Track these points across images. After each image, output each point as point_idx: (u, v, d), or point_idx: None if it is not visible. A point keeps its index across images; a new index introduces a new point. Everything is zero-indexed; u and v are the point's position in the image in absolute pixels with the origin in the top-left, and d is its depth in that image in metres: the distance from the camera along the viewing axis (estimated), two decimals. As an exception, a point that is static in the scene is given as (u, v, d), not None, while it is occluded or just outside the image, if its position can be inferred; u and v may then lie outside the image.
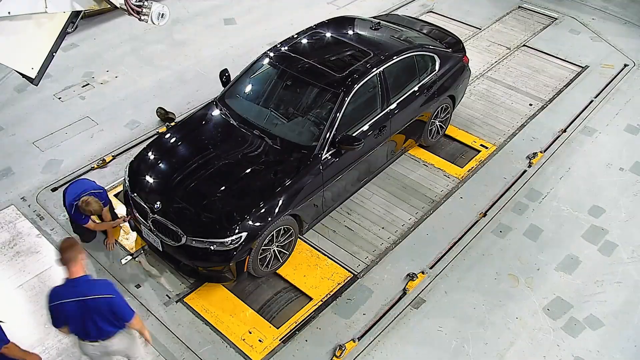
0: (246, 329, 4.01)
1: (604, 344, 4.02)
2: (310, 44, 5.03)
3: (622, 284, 4.43)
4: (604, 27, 7.60)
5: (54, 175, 5.22)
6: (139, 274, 4.37)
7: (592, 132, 5.91)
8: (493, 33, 7.47)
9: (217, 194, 4.08)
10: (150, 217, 4.08)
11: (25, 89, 6.18)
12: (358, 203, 5.00)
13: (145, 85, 6.38)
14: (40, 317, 4.05)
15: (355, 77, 4.53)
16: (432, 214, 4.94)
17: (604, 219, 4.96)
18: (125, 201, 4.43)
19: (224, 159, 4.30)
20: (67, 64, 6.57)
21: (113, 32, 7.22)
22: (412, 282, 4.36)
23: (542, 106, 6.21)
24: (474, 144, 5.69)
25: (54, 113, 5.95)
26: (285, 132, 4.49)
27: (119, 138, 5.66)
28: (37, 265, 4.42)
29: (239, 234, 3.91)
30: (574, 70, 6.78)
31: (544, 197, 5.16)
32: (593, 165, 5.51)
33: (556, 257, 4.62)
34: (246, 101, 4.84)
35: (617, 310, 4.24)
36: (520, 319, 4.15)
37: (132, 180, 4.33)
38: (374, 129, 4.69)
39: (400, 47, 5.01)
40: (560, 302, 4.28)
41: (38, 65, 3.03)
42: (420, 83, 5.09)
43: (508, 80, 6.59)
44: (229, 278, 4.10)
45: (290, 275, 4.38)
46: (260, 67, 4.92)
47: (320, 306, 4.17)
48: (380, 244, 4.66)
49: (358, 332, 4.03)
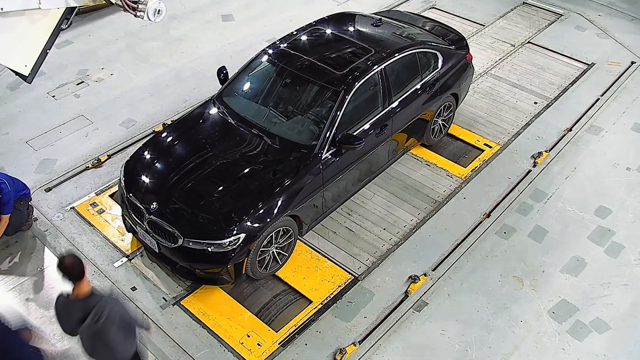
0: (244, 333, 3.96)
1: (610, 348, 3.97)
2: (310, 40, 4.99)
3: (629, 286, 4.38)
4: (610, 23, 7.53)
5: (48, 175, 5.17)
6: (134, 276, 4.31)
7: (598, 131, 5.84)
8: (497, 30, 7.40)
9: (215, 194, 4.04)
10: (146, 218, 4.03)
11: (19, 86, 6.14)
12: (359, 204, 4.94)
13: (141, 83, 6.33)
14: (34, 320, 4.00)
15: (356, 75, 4.48)
16: (434, 214, 4.89)
17: (610, 220, 4.90)
18: (121, 201, 4.36)
19: (221, 158, 4.26)
20: (61, 61, 6.54)
21: (108, 28, 7.18)
22: (414, 284, 4.30)
23: (547, 104, 6.16)
24: (477, 143, 5.63)
25: (48, 111, 5.90)
26: (285, 131, 4.44)
27: (114, 137, 5.61)
28: (31, 267, 4.36)
29: (237, 235, 3.86)
30: (579, 68, 6.72)
31: (549, 197, 5.10)
32: (599, 165, 5.45)
33: (562, 259, 4.57)
34: (244, 99, 4.80)
35: (624, 313, 4.19)
36: (525, 323, 4.10)
37: (128, 181, 4.28)
38: (375, 128, 4.64)
39: (402, 44, 4.96)
40: (566, 305, 4.23)
41: (31, 62, 3.02)
42: (422, 81, 5.04)
43: (512, 78, 6.52)
44: (227, 280, 4.06)
45: (289, 277, 4.33)
46: (258, 64, 4.87)
47: (320, 309, 4.13)
48: (382, 246, 4.60)
49: (359, 335, 3.99)
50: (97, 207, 4.86)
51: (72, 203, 4.89)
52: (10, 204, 4.22)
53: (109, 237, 4.60)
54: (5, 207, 4.19)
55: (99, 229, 4.67)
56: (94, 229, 4.67)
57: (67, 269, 2.83)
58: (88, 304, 2.87)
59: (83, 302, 2.88)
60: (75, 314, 2.90)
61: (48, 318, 4.03)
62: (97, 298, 2.91)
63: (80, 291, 2.88)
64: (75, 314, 2.90)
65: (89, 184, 5.08)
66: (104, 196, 4.96)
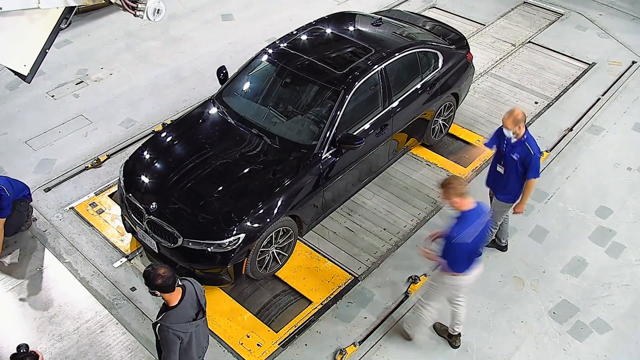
0: (244, 333, 3.95)
1: (611, 349, 3.96)
2: (310, 40, 4.98)
3: (630, 286, 4.37)
4: (611, 23, 7.51)
5: (47, 175, 5.15)
6: (134, 276, 4.30)
7: (599, 131, 5.83)
8: (497, 29, 7.38)
9: (215, 195, 4.03)
10: (145, 218, 4.02)
11: (18, 86, 6.12)
12: (359, 204, 4.93)
13: (141, 83, 6.32)
14: (33, 320, 3.99)
15: (356, 75, 4.47)
16: (434, 215, 4.87)
17: (611, 220, 4.88)
18: (121, 202, 4.34)
19: (221, 158, 4.25)
20: (61, 61, 6.52)
21: (107, 28, 7.16)
22: (414, 285, 4.29)
23: (548, 104, 6.14)
24: (477, 143, 5.61)
25: (47, 111, 5.88)
26: (285, 131, 4.42)
27: (113, 137, 5.59)
28: (30, 268, 4.35)
29: (237, 236, 3.84)
30: (580, 68, 6.70)
31: (550, 197, 5.08)
32: (600, 165, 5.43)
33: (562, 259, 4.55)
34: (244, 99, 4.78)
35: (625, 313, 4.18)
36: (526, 323, 4.08)
37: (127, 181, 4.27)
38: (375, 128, 4.62)
39: (403, 43, 4.95)
40: (567, 305, 4.21)
41: (30, 62, 3.01)
42: (422, 80, 5.02)
43: (513, 78, 6.51)
44: (226, 280, 4.04)
45: (289, 277, 4.31)
46: (258, 64, 4.86)
47: (320, 309, 4.11)
48: (382, 246, 4.59)
49: (359, 336, 3.98)
50: (96, 207, 4.85)
51: (72, 203, 4.88)
52: (7, 209, 4.21)
53: (108, 237, 4.59)
54: (1, 212, 4.18)
55: (98, 229, 4.66)
56: (93, 229, 4.66)
57: (167, 280, 2.72)
58: (189, 297, 2.84)
59: (185, 299, 2.82)
60: (189, 314, 2.84)
61: (47, 318, 4.02)
62: (188, 288, 2.87)
63: (176, 295, 2.81)
64: (189, 314, 2.84)
65: (89, 184, 5.07)
66: (104, 196, 4.95)
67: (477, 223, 3.30)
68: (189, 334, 2.88)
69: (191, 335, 2.90)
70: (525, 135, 3.89)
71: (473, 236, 3.28)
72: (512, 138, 3.88)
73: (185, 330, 2.85)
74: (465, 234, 3.25)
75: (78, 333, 3.94)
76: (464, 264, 3.40)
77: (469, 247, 3.31)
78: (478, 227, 3.31)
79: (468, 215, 3.30)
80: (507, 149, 3.96)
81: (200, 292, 2.99)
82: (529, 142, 3.88)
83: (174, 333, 2.79)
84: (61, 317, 4.03)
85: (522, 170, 3.94)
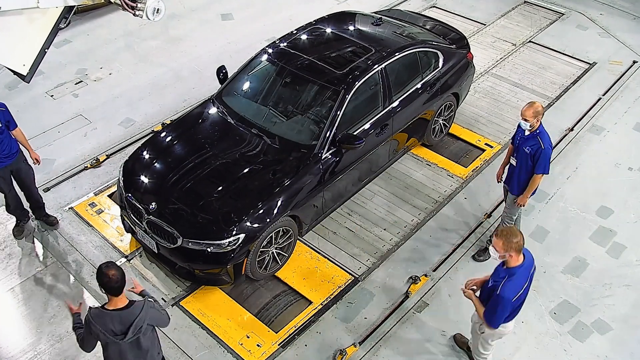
0: (244, 334, 3.94)
1: (612, 349, 3.94)
2: (310, 40, 4.96)
3: (631, 286, 4.36)
4: (612, 22, 7.51)
5: (46, 175, 5.14)
6: (133, 276, 4.29)
7: (600, 130, 5.82)
8: (498, 29, 7.37)
9: (214, 195, 4.01)
10: (145, 218, 4.01)
11: (17, 86, 6.11)
12: (359, 204, 4.92)
13: (140, 83, 6.31)
14: (32, 321, 3.97)
15: (357, 74, 4.46)
16: (435, 214, 4.87)
17: (612, 220, 4.87)
18: (120, 202, 4.33)
19: (221, 158, 4.24)
20: (60, 60, 6.51)
21: (107, 27, 7.15)
22: (414, 285, 4.28)
23: (549, 104, 6.13)
24: (478, 143, 5.61)
25: (46, 111, 5.88)
26: (284, 131, 4.41)
27: (113, 137, 5.58)
28: (29, 268, 4.34)
29: (237, 236, 3.83)
30: (581, 67, 6.69)
31: (551, 197, 5.07)
32: (601, 165, 5.43)
33: (563, 260, 4.54)
34: (244, 99, 4.77)
35: (626, 314, 4.17)
36: (526, 323, 4.07)
37: (127, 180, 4.26)
38: (375, 128, 4.61)
39: (403, 43, 4.94)
40: (567, 305, 4.20)
41: (30, 62, 3.01)
42: (423, 80, 5.01)
43: (514, 78, 6.50)
44: (226, 281, 4.03)
45: (289, 278, 4.30)
46: (258, 63, 4.85)
47: (320, 310, 4.10)
48: (382, 246, 4.58)
49: (359, 336, 3.97)
50: (95, 207, 4.84)
51: (71, 203, 4.87)
52: (12, 121, 4.15)
53: (107, 237, 4.58)
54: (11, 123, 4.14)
55: (97, 229, 4.65)
56: (92, 229, 4.65)
57: (111, 282, 2.68)
58: (126, 314, 2.74)
59: (120, 312, 2.75)
60: (112, 325, 2.74)
61: (47, 319, 4.01)
62: (135, 307, 2.77)
63: (118, 302, 2.76)
64: (112, 325, 2.74)
65: (88, 184, 5.06)
66: (103, 196, 4.94)
67: (528, 279, 3.02)
68: (107, 344, 2.82)
69: (113, 346, 2.81)
70: (539, 129, 3.88)
71: (520, 294, 3.00)
72: (526, 130, 3.88)
73: (102, 336, 2.78)
74: (515, 294, 2.97)
75: (77, 333, 3.93)
76: (504, 319, 3.10)
77: (513, 305, 3.06)
78: (527, 283, 3.02)
79: (519, 272, 3.00)
80: (520, 141, 3.97)
81: (145, 322, 2.79)
82: (541, 136, 3.87)
83: (93, 328, 2.75)
84: (60, 317, 4.01)
85: (531, 165, 3.93)
